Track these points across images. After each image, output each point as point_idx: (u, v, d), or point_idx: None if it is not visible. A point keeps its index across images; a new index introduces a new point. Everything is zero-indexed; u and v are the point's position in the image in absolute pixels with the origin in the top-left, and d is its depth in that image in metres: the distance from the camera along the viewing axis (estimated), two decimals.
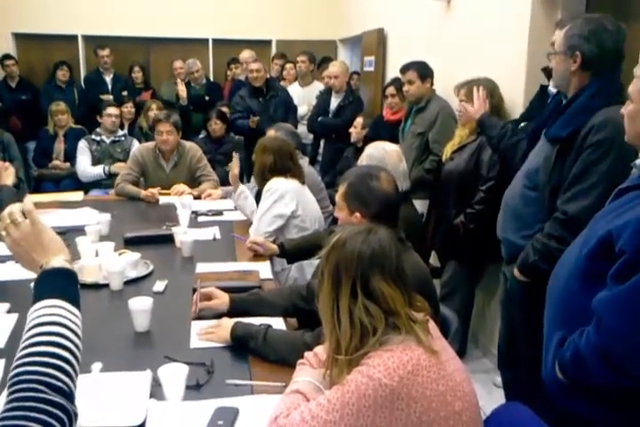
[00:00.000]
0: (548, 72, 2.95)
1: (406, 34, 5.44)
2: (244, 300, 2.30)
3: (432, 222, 3.91)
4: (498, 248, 2.73)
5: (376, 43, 6.08)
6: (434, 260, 4.04)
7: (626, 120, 1.72)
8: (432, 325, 1.59)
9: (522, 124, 3.11)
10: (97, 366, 1.79)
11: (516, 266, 2.46)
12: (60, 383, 1.04)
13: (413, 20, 5.19)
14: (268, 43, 8.32)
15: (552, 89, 2.92)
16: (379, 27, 6.05)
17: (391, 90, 4.70)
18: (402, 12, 5.51)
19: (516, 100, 3.43)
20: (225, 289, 2.33)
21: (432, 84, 4.20)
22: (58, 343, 1.09)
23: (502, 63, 3.56)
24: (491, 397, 3.10)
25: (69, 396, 1.05)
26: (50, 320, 1.13)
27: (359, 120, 4.90)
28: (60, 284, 1.23)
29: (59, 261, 1.26)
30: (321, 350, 1.65)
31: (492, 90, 3.33)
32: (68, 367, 1.07)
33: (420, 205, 3.78)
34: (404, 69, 4.20)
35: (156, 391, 1.70)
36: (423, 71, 4.15)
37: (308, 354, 1.69)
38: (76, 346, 1.13)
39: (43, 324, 1.12)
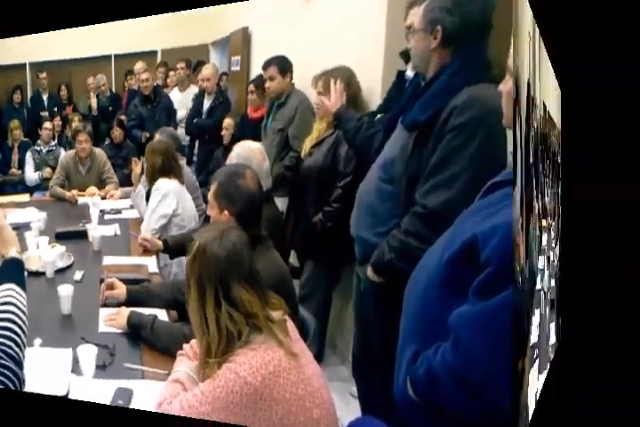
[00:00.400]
0: (406, 57, 2.65)
1: (268, 29, 5.17)
2: (137, 291, 2.48)
3: (292, 221, 3.57)
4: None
5: (241, 41, 5.87)
6: (294, 259, 3.71)
7: (504, 99, 1.39)
8: (291, 326, 1.62)
9: (378, 116, 2.77)
10: (37, 341, 2.11)
11: (370, 265, 2.13)
12: (13, 352, 1.27)
13: (273, 14, 4.89)
14: (154, 53, 8.33)
15: (409, 73, 2.56)
16: (243, 26, 5.80)
17: (250, 87, 4.51)
18: (261, 7, 5.18)
19: (373, 88, 3.08)
20: (123, 280, 2.52)
21: (292, 78, 3.88)
22: (13, 320, 1.33)
23: (359, 49, 3.20)
24: (348, 408, 2.73)
25: (19, 364, 1.28)
26: (7, 301, 1.37)
27: (228, 121, 4.76)
28: (14, 271, 1.49)
29: (13, 252, 1.52)
30: (196, 343, 1.68)
31: (348, 79, 2.96)
32: (19, 340, 1.30)
33: (282, 203, 3.55)
34: (266, 66, 3.91)
35: (76, 368, 1.96)
36: (283, 65, 3.83)
37: (186, 346, 1.76)
38: (24, 323, 1.36)
39: (2, 304, 1.36)
